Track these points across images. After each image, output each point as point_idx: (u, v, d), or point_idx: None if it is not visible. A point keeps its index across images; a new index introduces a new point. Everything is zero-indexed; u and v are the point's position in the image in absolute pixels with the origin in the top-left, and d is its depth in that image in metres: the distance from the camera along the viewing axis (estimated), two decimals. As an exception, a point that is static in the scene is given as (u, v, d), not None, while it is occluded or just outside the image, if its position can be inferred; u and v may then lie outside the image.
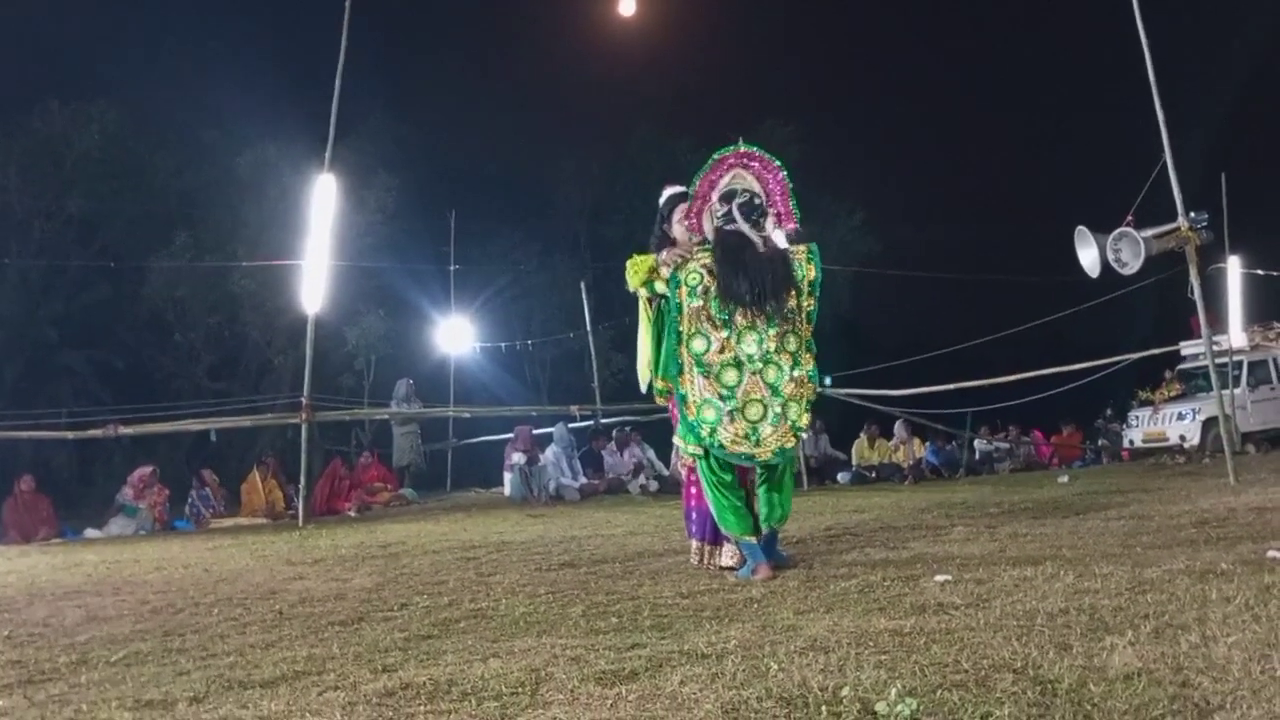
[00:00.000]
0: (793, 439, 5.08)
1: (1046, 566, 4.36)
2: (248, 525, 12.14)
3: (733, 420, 4.96)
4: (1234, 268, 16.13)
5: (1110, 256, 10.57)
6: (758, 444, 4.98)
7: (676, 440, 5.28)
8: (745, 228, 5.12)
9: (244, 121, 22.07)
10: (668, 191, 5.77)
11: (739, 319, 5.02)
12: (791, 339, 5.09)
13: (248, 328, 22.45)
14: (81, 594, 5.71)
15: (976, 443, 18.49)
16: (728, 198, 5.17)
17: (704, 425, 4.96)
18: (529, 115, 31.43)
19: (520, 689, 2.80)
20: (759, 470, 5.13)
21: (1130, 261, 10.42)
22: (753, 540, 4.97)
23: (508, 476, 13.78)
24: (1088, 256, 10.89)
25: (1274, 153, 28.73)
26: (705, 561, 5.33)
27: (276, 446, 18.19)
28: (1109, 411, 21.21)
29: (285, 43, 27.42)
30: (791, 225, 5.31)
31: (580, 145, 29.39)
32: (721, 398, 4.96)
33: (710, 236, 5.19)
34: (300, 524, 10.80)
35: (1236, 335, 16.55)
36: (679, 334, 5.04)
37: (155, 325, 22.74)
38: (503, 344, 22.13)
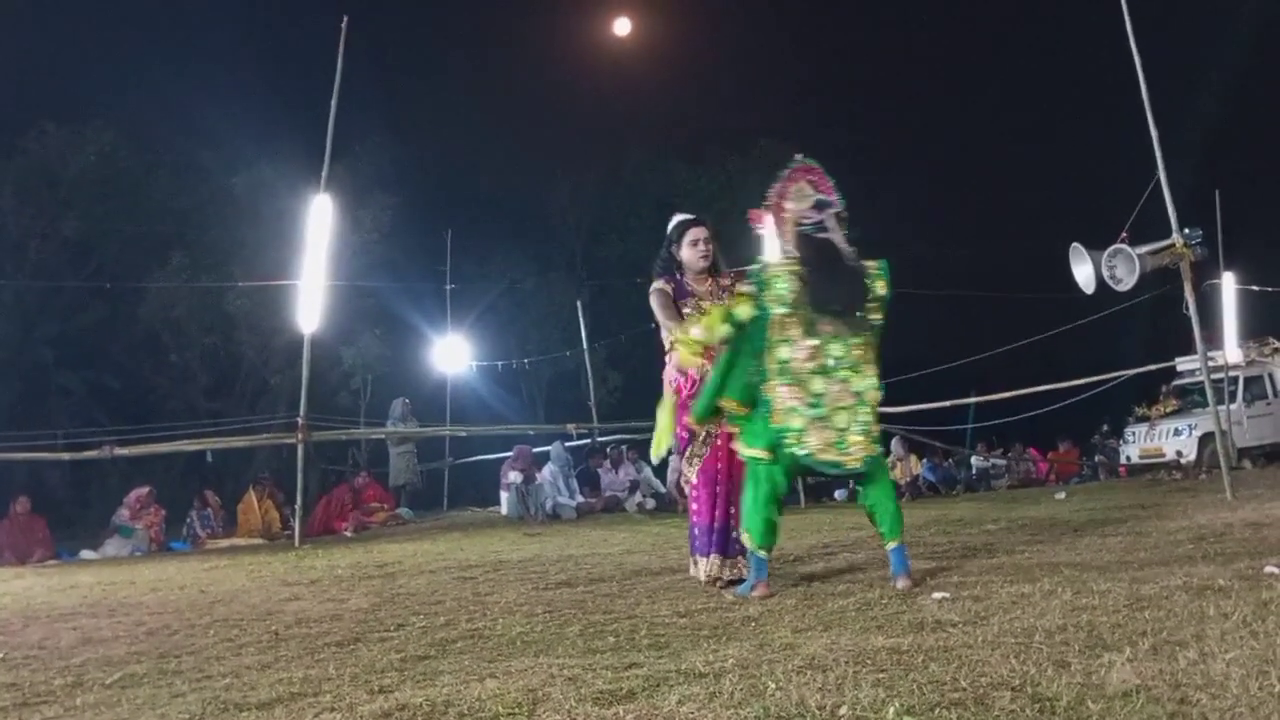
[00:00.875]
0: (875, 447, 5.00)
1: (1044, 583, 4.36)
2: (244, 546, 12.11)
3: (821, 428, 4.85)
4: (1229, 284, 16.17)
5: (1105, 273, 10.60)
6: (845, 452, 4.88)
7: (740, 448, 5.11)
8: (837, 238, 5.12)
9: (240, 142, 22.15)
10: (677, 218, 5.90)
11: (826, 327, 4.95)
12: (870, 351, 5.04)
13: (244, 348, 22.46)
14: (77, 616, 5.69)
15: (973, 459, 18.51)
16: (821, 206, 5.14)
17: (790, 433, 4.83)
18: (525, 135, 31.42)
19: (517, 710, 2.80)
20: (866, 499, 5.11)
21: (1125, 278, 10.45)
22: (765, 556, 4.93)
23: (504, 495, 13.77)
24: (1083, 273, 10.92)
25: (1268, 169, 28.84)
26: (714, 574, 5.40)
27: (273, 466, 18.16)
28: (1105, 427, 21.23)
29: (281, 64, 27.52)
30: None
31: (576, 165, 29.44)
32: (810, 405, 4.85)
33: (791, 245, 5.14)
34: (296, 544, 10.78)
35: (1232, 351, 16.60)
36: (766, 340, 4.93)
37: (151, 346, 22.74)
38: (499, 363, 22.14)
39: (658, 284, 5.72)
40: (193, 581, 7.41)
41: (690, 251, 5.68)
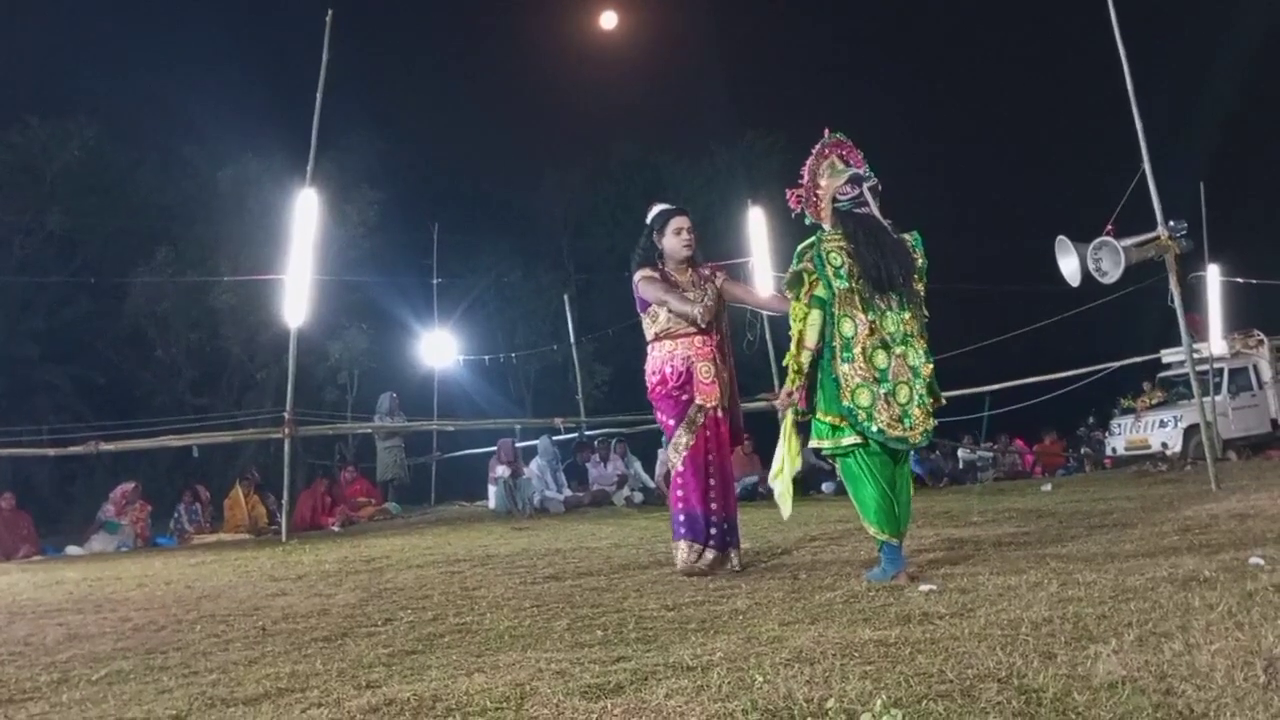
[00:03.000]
0: (933, 421, 4.98)
1: (1030, 575, 4.37)
2: (230, 541, 12.06)
3: (888, 404, 4.81)
4: (1213, 276, 16.26)
5: (1091, 266, 10.62)
6: (910, 428, 4.85)
7: (824, 445, 5.05)
8: (876, 211, 5.06)
9: (225, 136, 22.09)
10: (657, 208, 5.96)
11: (879, 301, 4.91)
12: (918, 323, 5.02)
13: (230, 343, 22.39)
14: (63, 612, 5.67)
15: (960, 451, 18.54)
16: (856, 181, 5.07)
17: (859, 410, 4.78)
18: (511, 129, 31.46)
19: (505, 704, 2.79)
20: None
21: (1110, 270, 10.47)
22: (896, 543, 4.86)
23: (492, 489, 13.74)
24: (1068, 266, 10.94)
25: (1252, 162, 28.98)
26: (696, 561, 5.44)
27: (259, 462, 18.14)
28: (1091, 419, 21.29)
29: (266, 57, 27.41)
30: None
31: (562, 159, 29.48)
32: (876, 380, 4.82)
33: (830, 221, 5.05)
34: (283, 539, 10.75)
35: (1217, 343, 16.68)
36: (830, 317, 4.88)
37: (136, 341, 22.66)
38: (486, 357, 22.12)
39: (644, 271, 5.72)
40: (179, 577, 7.38)
41: (674, 240, 5.74)
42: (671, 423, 5.63)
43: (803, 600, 4.27)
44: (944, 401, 5.11)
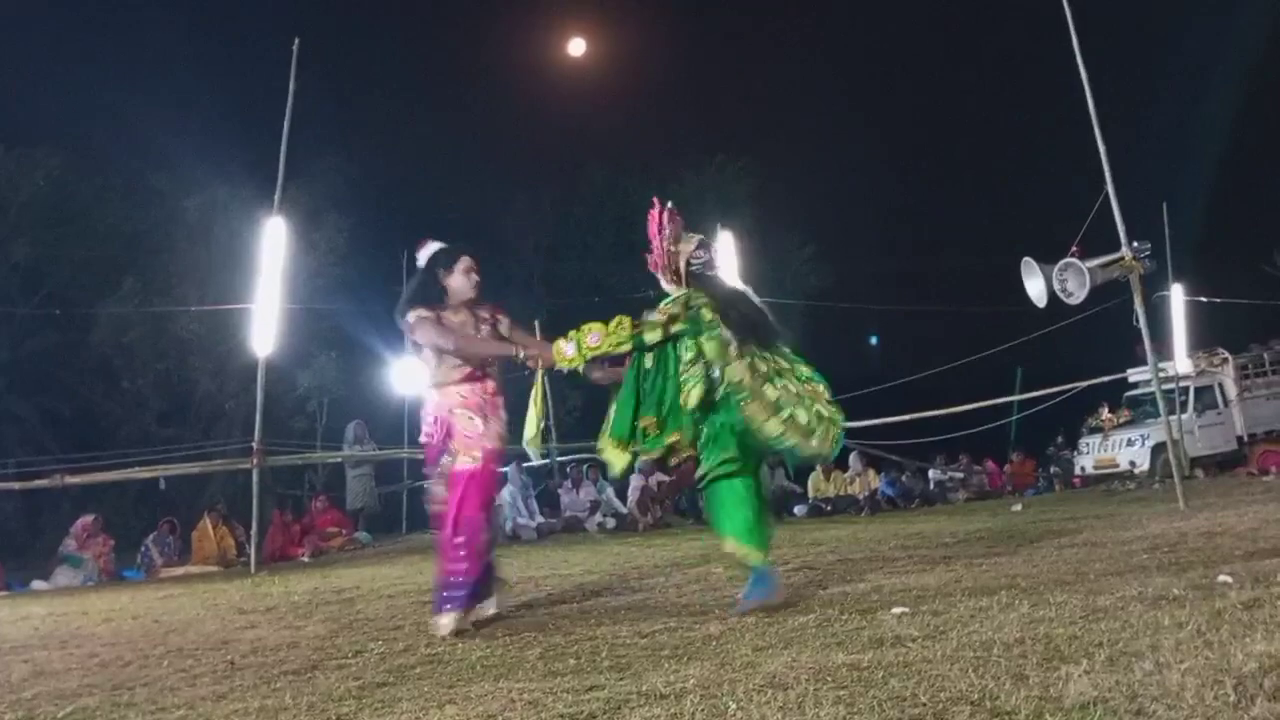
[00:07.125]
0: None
1: (1001, 596, 4.39)
2: (199, 573, 11.93)
3: (793, 424, 5.08)
4: (1177, 295, 16.45)
5: (1056, 287, 10.72)
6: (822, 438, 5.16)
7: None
8: (722, 275, 5.44)
9: (192, 164, 21.92)
10: (438, 246, 5.86)
11: (748, 347, 5.11)
12: (784, 357, 5.26)
13: (198, 373, 22.20)
14: (28, 648, 5.59)
15: (931, 472, 18.61)
16: (704, 246, 5.35)
17: (783, 429, 5.04)
18: (481, 154, 31.46)
19: (477, 735, 2.77)
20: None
21: (1076, 291, 10.58)
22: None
23: (464, 517, 13.66)
24: (1035, 287, 11.04)
25: (1213, 182, 29.32)
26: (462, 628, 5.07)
27: (228, 492, 17.96)
28: (1060, 439, 21.44)
29: (234, 85, 27.29)
30: None
31: (532, 184, 29.49)
32: (775, 410, 4.99)
33: (686, 282, 5.24)
34: (252, 571, 10.65)
35: (1182, 362, 16.85)
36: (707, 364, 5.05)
37: (103, 372, 22.42)
38: (457, 383, 22.01)
39: (419, 312, 5.55)
40: (146, 611, 7.30)
41: (463, 280, 5.69)
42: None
43: (775, 625, 4.26)
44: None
